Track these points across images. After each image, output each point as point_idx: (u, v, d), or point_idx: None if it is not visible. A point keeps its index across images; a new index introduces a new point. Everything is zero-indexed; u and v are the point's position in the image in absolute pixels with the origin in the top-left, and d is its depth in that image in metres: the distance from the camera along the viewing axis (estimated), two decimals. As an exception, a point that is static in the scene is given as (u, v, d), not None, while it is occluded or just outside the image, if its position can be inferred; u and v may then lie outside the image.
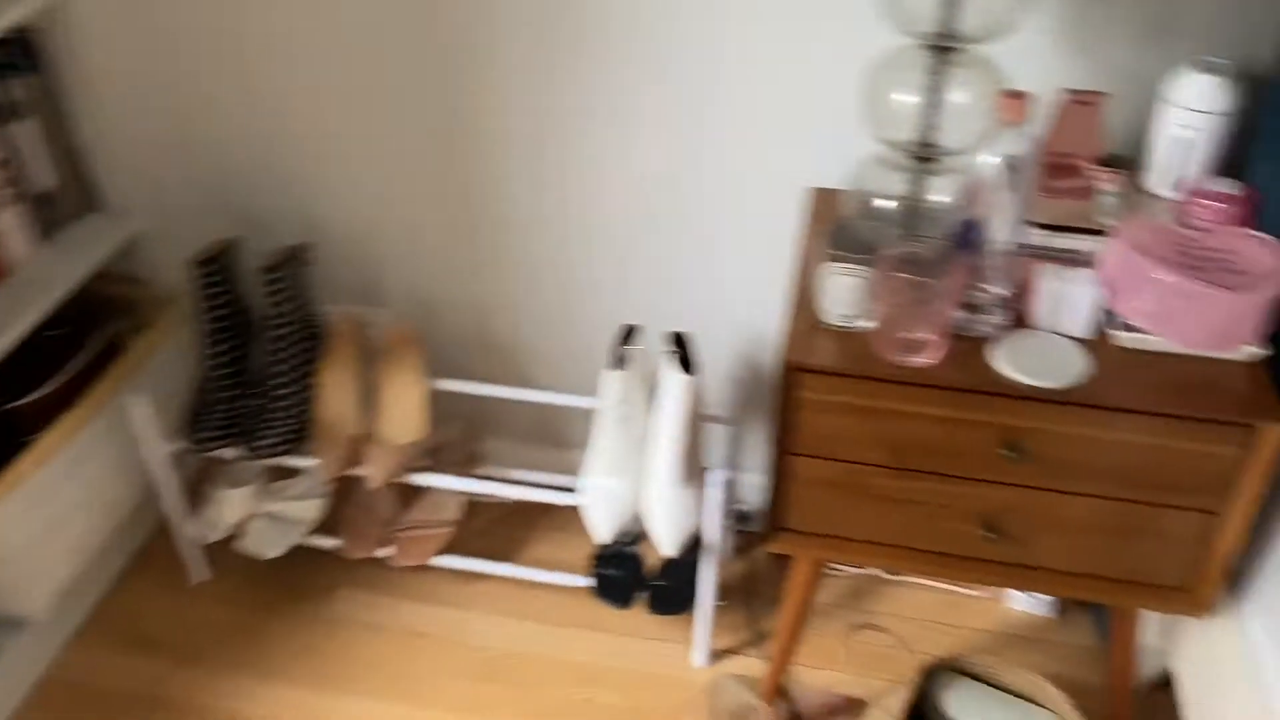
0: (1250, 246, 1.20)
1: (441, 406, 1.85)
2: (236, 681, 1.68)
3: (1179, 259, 1.18)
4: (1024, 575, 1.31)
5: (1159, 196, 1.35)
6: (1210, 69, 1.27)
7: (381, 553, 1.77)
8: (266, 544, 1.75)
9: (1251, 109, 1.31)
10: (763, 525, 1.31)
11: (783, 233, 1.62)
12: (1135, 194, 1.36)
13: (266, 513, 1.77)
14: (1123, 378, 1.18)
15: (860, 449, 1.26)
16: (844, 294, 1.22)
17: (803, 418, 1.26)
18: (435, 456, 1.82)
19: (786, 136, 1.54)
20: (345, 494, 1.85)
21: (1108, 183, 1.32)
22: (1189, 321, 1.17)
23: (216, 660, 1.72)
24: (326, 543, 1.79)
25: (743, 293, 1.70)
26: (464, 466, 1.82)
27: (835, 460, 1.28)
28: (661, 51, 1.51)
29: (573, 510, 1.94)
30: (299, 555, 1.83)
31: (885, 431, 1.24)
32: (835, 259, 1.21)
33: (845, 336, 1.25)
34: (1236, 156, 1.33)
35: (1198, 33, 1.35)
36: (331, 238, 1.80)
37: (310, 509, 1.78)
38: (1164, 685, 1.59)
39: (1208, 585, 1.25)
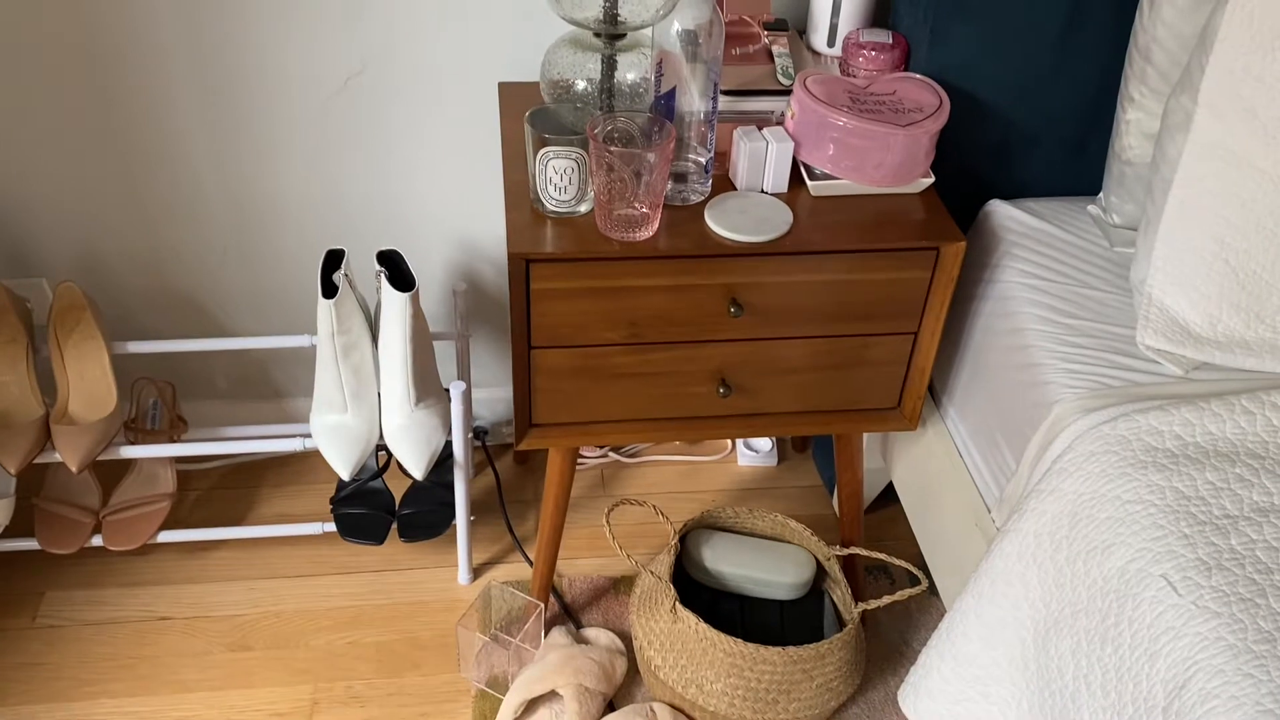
0: (910, 87, 1.31)
1: (134, 372, 1.69)
2: (-54, 719, 1.48)
3: (852, 106, 1.27)
4: (758, 423, 1.40)
5: (823, 53, 1.45)
6: (852, -72, 1.37)
7: (94, 543, 1.60)
8: (-51, 562, 1.53)
9: (889, -36, 1.43)
10: (510, 433, 1.31)
11: (483, 133, 1.59)
12: (803, 53, 1.45)
13: (-58, 527, 1.55)
14: (820, 223, 1.27)
15: (597, 331, 1.28)
16: (558, 179, 1.22)
17: (538, 309, 1.26)
18: (135, 428, 1.66)
19: (477, 28, 1.49)
20: (36, 487, 1.65)
21: (779, 45, 1.40)
22: (869, 162, 1.27)
23: (-86, 702, 1.50)
24: (24, 545, 1.59)
25: (451, 200, 1.66)
26: (170, 433, 1.67)
27: (575, 347, 1.30)
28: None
29: (299, 459, 1.86)
30: (-7, 566, 1.63)
31: (618, 310, 1.27)
32: (545, 144, 1.20)
33: (566, 222, 1.25)
34: (883, 8, 1.45)
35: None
36: (-41, 203, 1.56)
37: (-4, 512, 1.57)
38: (886, 501, 1.78)
39: (914, 401, 1.39)
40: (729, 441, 1.96)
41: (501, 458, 1.91)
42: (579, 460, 1.91)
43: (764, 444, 1.94)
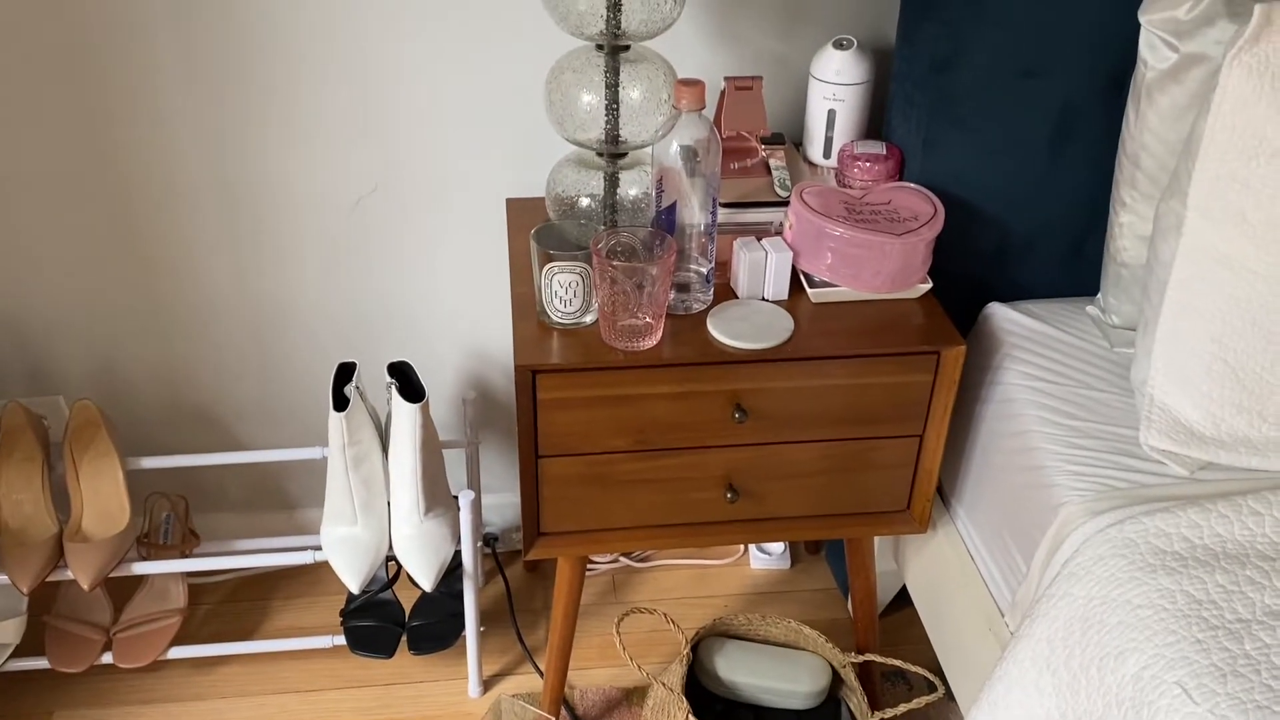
0: (905, 196, 1.35)
1: (146, 487, 1.70)
2: (-51, 846, 1.46)
3: (848, 216, 1.30)
4: (767, 527, 1.40)
5: (820, 164, 1.49)
6: (845, 46, 1.42)
7: (104, 660, 1.59)
8: (-41, 682, 1.53)
9: (883, 78, 1.48)
10: (520, 539, 1.32)
11: (492, 246, 1.63)
12: (800, 165, 1.50)
13: (-47, 646, 1.55)
14: (821, 329, 1.29)
15: (603, 439, 1.30)
16: (564, 293, 1.25)
17: (545, 419, 1.27)
18: (147, 543, 1.66)
19: (485, 148, 1.55)
20: (47, 605, 1.65)
21: (776, 158, 1.44)
22: (867, 270, 1.30)
23: (-82, 829, 1.48)
24: (34, 664, 1.59)
25: (460, 311, 1.69)
26: (182, 547, 1.68)
27: (581, 455, 1.31)
28: (342, 56, 1.47)
29: (310, 571, 1.86)
30: (2, 685, 1.62)
31: (623, 418, 1.28)
32: (550, 260, 1.23)
33: (571, 333, 1.28)
34: (877, 120, 1.50)
35: (830, 17, 1.51)
36: (-18, 324, 1.60)
37: (8, 630, 1.57)
38: (901, 603, 1.76)
39: (923, 503, 1.39)
40: (741, 545, 1.95)
41: (511, 565, 1.90)
42: (589, 566, 1.90)
43: (776, 547, 1.93)
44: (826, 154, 1.49)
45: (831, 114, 1.45)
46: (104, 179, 1.52)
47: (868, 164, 1.41)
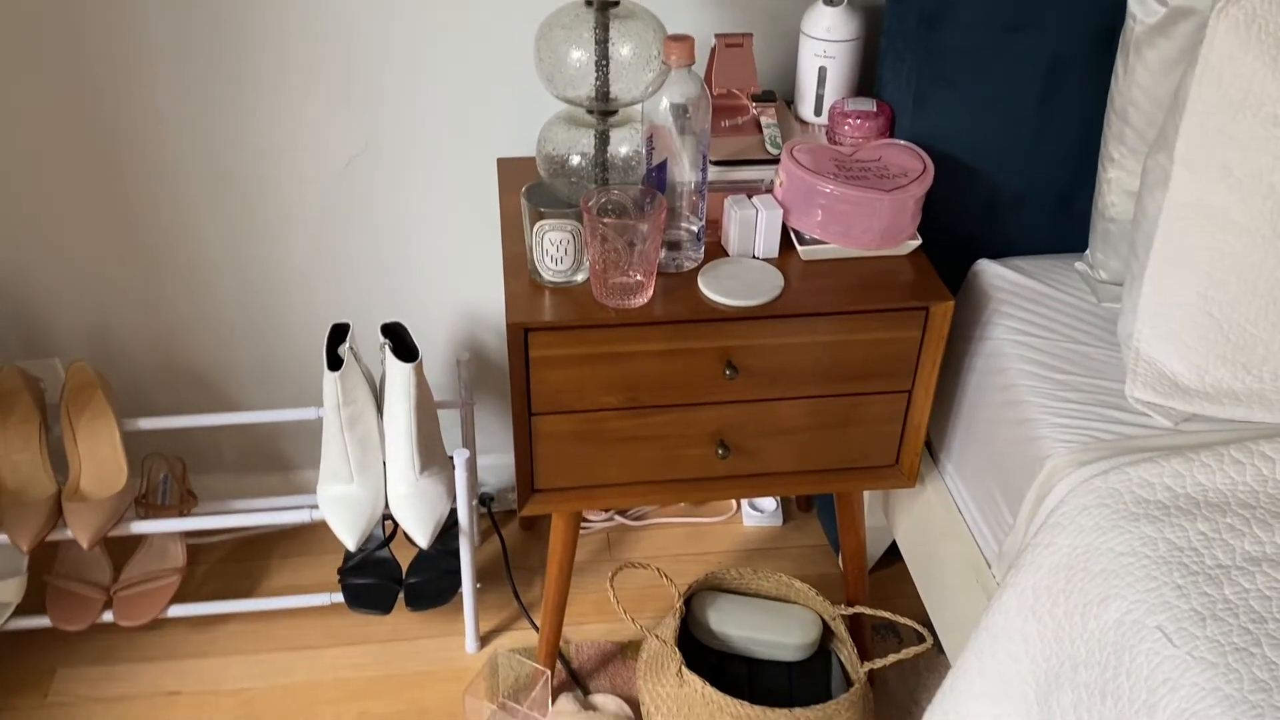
0: (895, 153, 1.35)
1: (143, 448, 1.71)
2: (-44, 800, 1.49)
3: (838, 173, 1.31)
4: (758, 483, 1.42)
5: (810, 121, 1.49)
6: (835, 2, 1.42)
7: (105, 619, 1.62)
8: (-38, 640, 1.55)
9: (874, 35, 1.48)
10: (515, 499, 1.33)
11: (484, 207, 1.63)
12: (791, 122, 1.50)
13: (-45, 606, 1.57)
14: (810, 286, 1.30)
15: (595, 396, 1.31)
16: (555, 251, 1.26)
17: (537, 376, 1.28)
18: (145, 503, 1.68)
19: (475, 107, 1.55)
20: (48, 564, 1.67)
21: (767, 116, 1.44)
22: (857, 226, 1.31)
23: (-74, 783, 1.51)
24: (35, 623, 1.61)
25: (453, 272, 1.70)
26: (179, 508, 1.70)
27: (573, 412, 1.32)
28: (331, 15, 1.47)
29: (308, 531, 1.88)
30: (4, 643, 1.64)
31: (615, 375, 1.30)
32: (541, 217, 1.24)
33: (563, 292, 1.28)
34: (868, 77, 1.50)
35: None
36: (-24, 287, 1.61)
37: (9, 589, 1.59)
38: (892, 559, 1.78)
39: (911, 457, 1.41)
40: (734, 502, 1.97)
41: (507, 524, 1.92)
42: (584, 525, 1.92)
43: (769, 504, 1.95)
44: (818, 111, 1.49)
45: (822, 71, 1.45)
46: (95, 146, 1.52)
47: (858, 121, 1.41)
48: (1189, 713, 0.93)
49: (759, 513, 1.94)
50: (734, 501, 1.97)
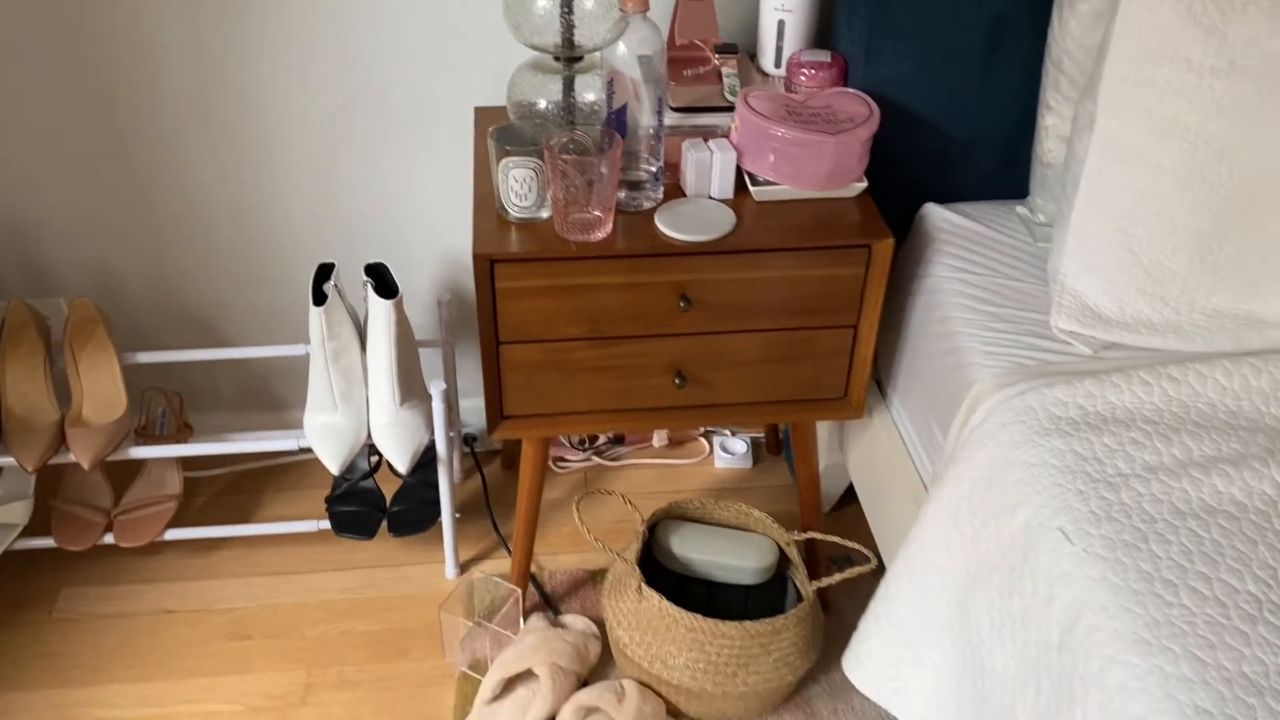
0: (844, 100, 1.43)
1: (142, 382, 1.81)
2: (-33, 701, 1.60)
3: (788, 118, 1.39)
4: (715, 413, 1.51)
5: (771, 74, 1.57)
6: (790, -42, 1.50)
7: (106, 541, 1.72)
8: (-28, 557, 1.66)
9: (829, -9, 1.56)
10: (488, 422, 1.42)
11: (464, 155, 1.72)
12: (753, 74, 1.58)
13: (-34, 525, 1.68)
14: (762, 225, 1.39)
15: (559, 327, 1.40)
16: (519, 187, 1.35)
17: (503, 307, 1.37)
18: (144, 434, 1.78)
19: (456, 59, 1.63)
20: (53, 489, 1.77)
21: (729, 66, 1.52)
22: (806, 168, 1.39)
23: (-61, 686, 1.62)
24: (41, 543, 1.71)
25: (434, 217, 1.79)
26: (177, 438, 1.80)
27: (539, 342, 1.41)
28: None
29: (299, 467, 1.98)
30: (11, 561, 1.75)
31: (577, 306, 1.38)
32: (506, 154, 1.32)
33: (528, 226, 1.37)
34: (824, 30, 1.57)
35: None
36: (-15, 227, 1.71)
37: (15, 512, 1.70)
38: (852, 500, 1.87)
39: (858, 390, 1.50)
40: (706, 445, 2.06)
41: (489, 463, 2.02)
42: (562, 464, 2.02)
43: (739, 446, 2.04)
44: (777, 63, 1.57)
45: (781, 24, 1.53)
46: (100, 95, 1.61)
47: (813, 71, 1.49)
48: (1081, 602, 1.02)
49: (730, 455, 2.03)
50: (706, 444, 2.06)
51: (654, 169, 1.40)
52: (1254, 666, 0.93)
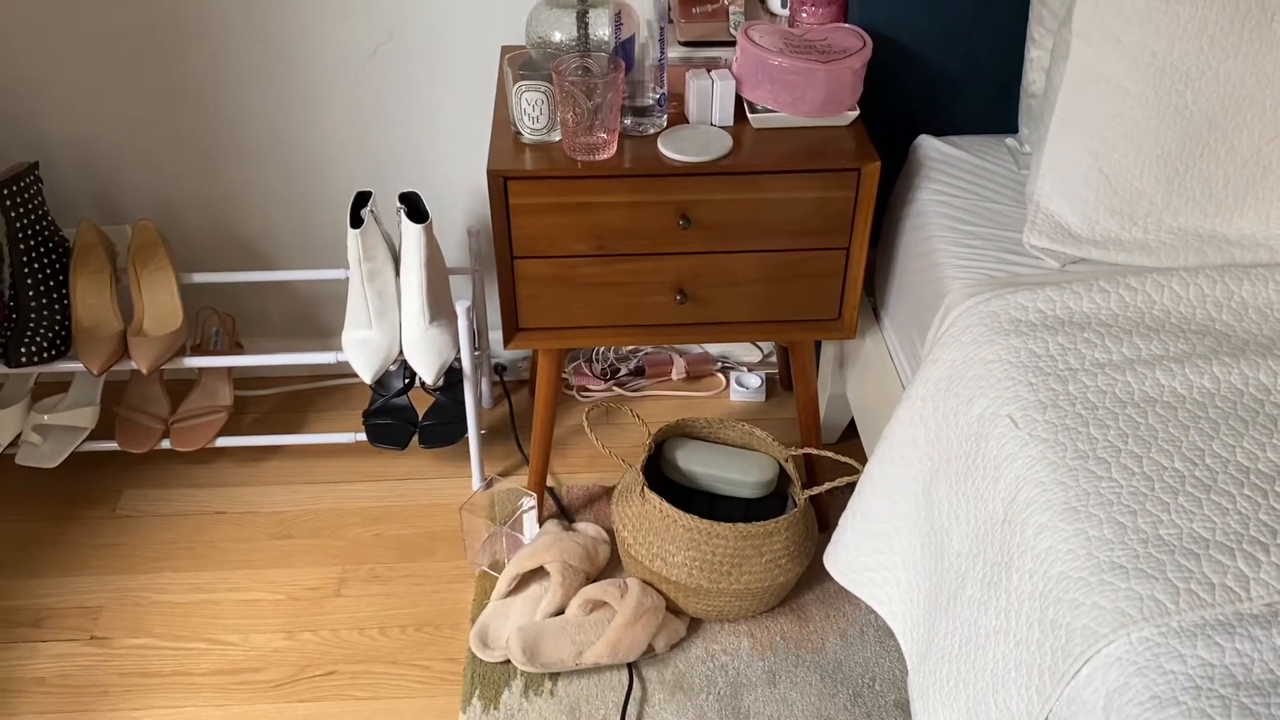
0: (840, 34, 1.52)
1: (198, 302, 1.97)
2: (42, 581, 1.77)
3: (785, 48, 1.49)
4: (715, 330, 1.61)
5: (778, 14, 1.67)
6: (794, -99, 1.59)
7: (163, 446, 1.88)
8: (45, 455, 1.83)
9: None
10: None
11: (493, 91, 1.84)
12: (760, 13, 1.67)
13: (41, 426, 1.85)
14: (760, 150, 1.49)
15: (567, 243, 1.51)
16: (532, 110, 1.46)
17: (516, 222, 1.49)
18: (199, 350, 1.94)
19: (490, 2, 1.75)
20: (117, 398, 1.94)
21: (736, 5, 1.62)
22: (802, 96, 1.48)
23: (17, 568, 1.79)
24: (105, 446, 1.88)
25: (466, 150, 1.91)
26: (229, 353, 1.95)
27: (549, 257, 1.53)
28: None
29: (341, 390, 2.13)
30: (80, 463, 1.92)
31: (585, 224, 1.50)
32: (519, 79, 1.44)
33: (540, 148, 1.49)
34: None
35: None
36: (57, 155, 1.88)
37: (84, 416, 1.87)
38: (855, 433, 1.96)
39: (850, 310, 1.59)
40: (722, 379, 2.17)
41: (518, 391, 2.15)
42: (584, 394, 2.14)
43: (754, 381, 2.14)
44: (784, 3, 1.66)
45: (786, -35, 1.63)
46: (152, 34, 1.77)
47: (814, 7, 1.58)
48: (1022, 479, 1.11)
49: (744, 389, 2.14)
50: (722, 378, 2.17)
51: (658, 96, 1.50)
52: (1169, 530, 1.01)
